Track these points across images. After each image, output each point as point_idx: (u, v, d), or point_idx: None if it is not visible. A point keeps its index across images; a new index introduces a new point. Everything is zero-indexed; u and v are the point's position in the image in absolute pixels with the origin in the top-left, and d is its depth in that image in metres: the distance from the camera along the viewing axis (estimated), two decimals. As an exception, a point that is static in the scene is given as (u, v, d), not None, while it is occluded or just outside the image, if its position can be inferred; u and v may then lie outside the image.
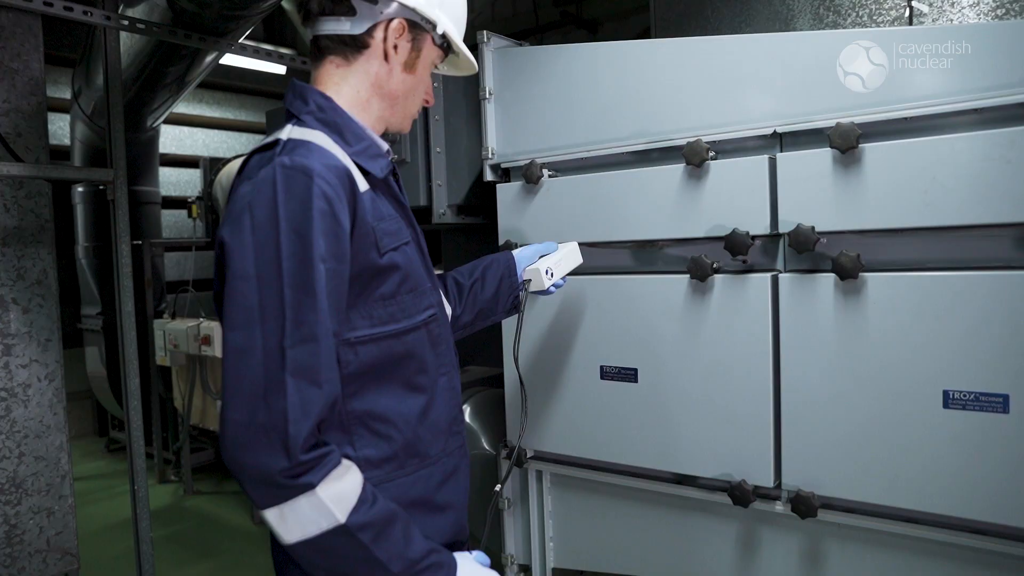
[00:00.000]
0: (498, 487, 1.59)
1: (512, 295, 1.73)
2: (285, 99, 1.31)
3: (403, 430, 1.26)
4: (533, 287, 1.72)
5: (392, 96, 1.32)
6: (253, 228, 1.09)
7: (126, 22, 2.75)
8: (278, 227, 1.08)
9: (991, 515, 1.54)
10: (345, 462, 1.12)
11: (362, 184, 1.20)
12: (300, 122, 1.24)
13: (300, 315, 1.07)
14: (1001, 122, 1.52)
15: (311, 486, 1.05)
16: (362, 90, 1.29)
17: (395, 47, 1.28)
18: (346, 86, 1.29)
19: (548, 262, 1.74)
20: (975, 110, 1.54)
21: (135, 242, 5.30)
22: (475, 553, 1.32)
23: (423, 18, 1.30)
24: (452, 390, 1.38)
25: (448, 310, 1.59)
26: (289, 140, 1.17)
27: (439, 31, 1.32)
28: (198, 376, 5.08)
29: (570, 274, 1.83)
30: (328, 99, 1.26)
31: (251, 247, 1.09)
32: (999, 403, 1.51)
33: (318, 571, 1.13)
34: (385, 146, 1.33)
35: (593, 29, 5.42)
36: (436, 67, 1.41)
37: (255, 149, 1.22)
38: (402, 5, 1.27)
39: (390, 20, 1.27)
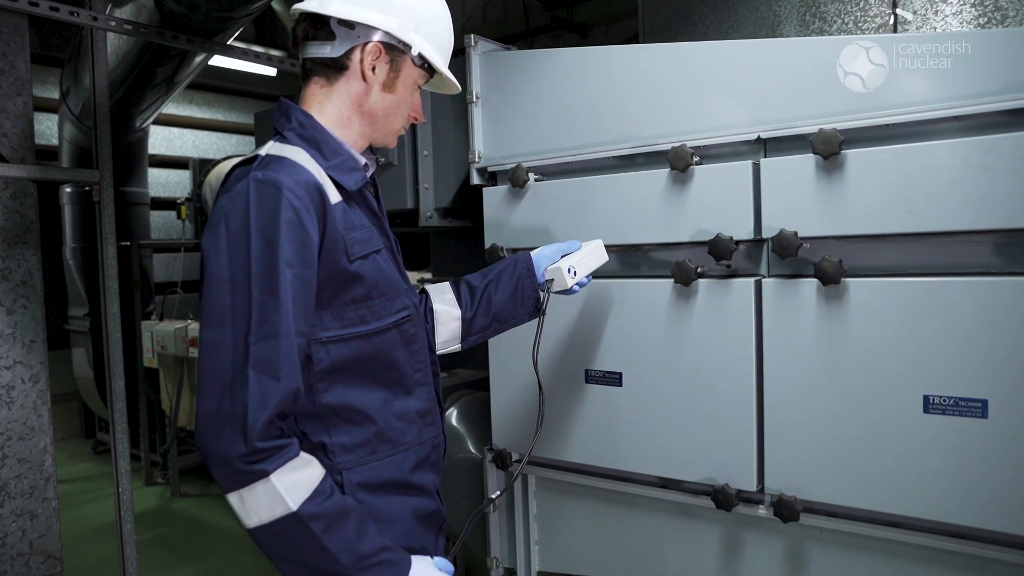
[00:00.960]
0: (495, 495, 1.66)
1: (532, 297, 1.72)
2: (274, 118, 1.42)
3: (375, 419, 1.37)
4: (556, 287, 1.69)
5: (372, 114, 1.41)
6: (228, 235, 1.20)
7: (113, 23, 2.75)
8: (249, 235, 1.19)
9: (970, 519, 1.55)
10: (306, 456, 1.22)
11: (334, 196, 1.30)
12: (283, 138, 1.35)
13: (264, 314, 1.17)
14: (980, 129, 1.54)
15: (265, 473, 1.15)
16: (343, 109, 1.39)
17: (372, 68, 1.37)
18: (329, 105, 1.39)
19: (571, 260, 1.70)
20: (955, 117, 1.56)
21: (123, 243, 5.30)
22: (437, 559, 1.38)
23: (399, 41, 1.38)
24: (427, 385, 1.49)
25: (457, 313, 1.69)
26: (267, 156, 1.28)
27: (414, 52, 1.40)
28: (186, 378, 5.06)
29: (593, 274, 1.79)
30: (309, 117, 1.37)
31: (225, 252, 1.20)
32: (978, 408, 1.53)
33: (275, 558, 1.22)
34: (362, 160, 1.41)
35: (583, 33, 5.44)
36: (420, 87, 1.48)
37: (237, 164, 1.33)
38: (377, 29, 1.36)
39: (366, 43, 1.36)
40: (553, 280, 1.68)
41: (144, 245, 5.69)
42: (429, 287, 1.73)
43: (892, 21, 2.39)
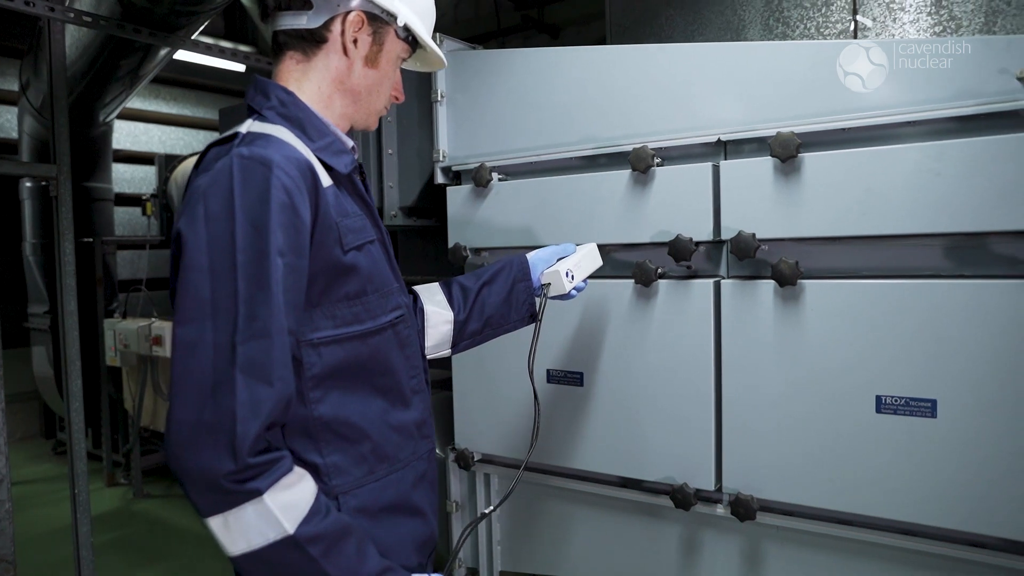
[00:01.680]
0: (489, 509, 1.57)
1: (527, 301, 1.62)
2: (247, 95, 1.27)
3: (371, 434, 1.22)
4: (553, 291, 1.61)
5: (354, 92, 1.28)
6: (207, 219, 1.05)
7: (72, 14, 2.69)
8: (233, 218, 1.04)
9: (920, 516, 1.59)
10: (298, 470, 1.07)
11: (325, 179, 1.17)
12: (261, 117, 1.20)
13: (253, 310, 1.02)
14: (931, 135, 1.57)
15: (258, 492, 1.00)
16: (323, 86, 1.26)
17: (354, 41, 1.24)
18: (307, 82, 1.25)
19: (568, 264, 1.63)
20: (909, 123, 1.59)
21: (86, 239, 5.19)
22: None
23: (383, 10, 1.26)
24: (421, 392, 1.35)
25: (449, 315, 1.57)
26: (248, 133, 1.15)
27: (400, 23, 1.27)
28: (149, 377, 4.97)
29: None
30: (290, 94, 1.23)
31: (205, 239, 1.04)
32: (928, 408, 1.56)
33: None
34: (350, 143, 1.29)
35: (555, 34, 5.45)
36: (403, 62, 1.36)
37: (213, 143, 1.18)
38: None
39: (347, 13, 1.23)
40: (550, 284, 1.61)
41: (108, 242, 5.57)
42: (418, 288, 1.61)
43: (852, 27, 2.43)
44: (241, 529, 1.01)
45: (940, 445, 1.55)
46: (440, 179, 2.29)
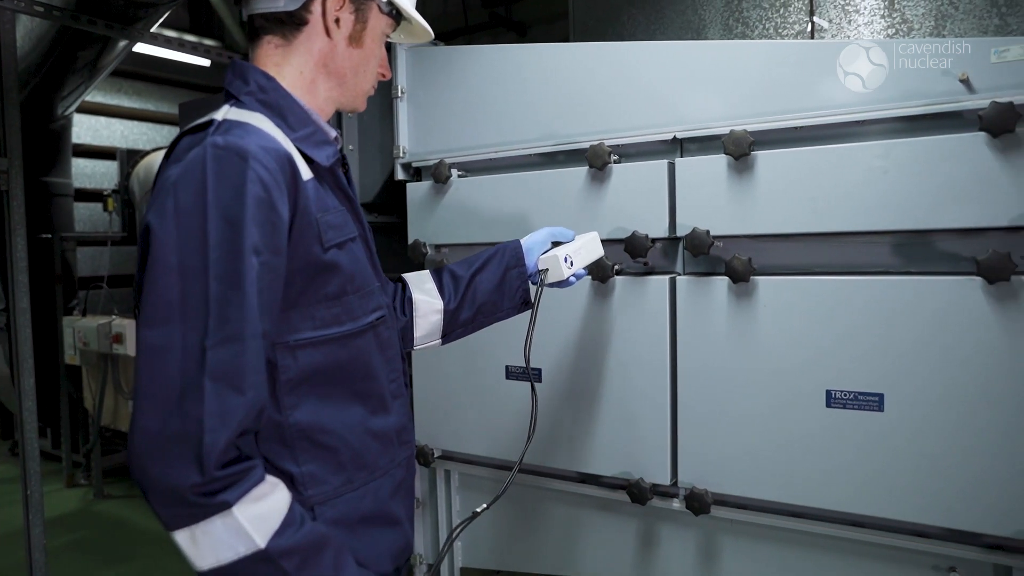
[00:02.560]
0: (480, 508, 1.51)
1: (520, 288, 1.56)
2: (224, 78, 1.20)
3: (349, 442, 1.17)
4: (551, 278, 1.53)
5: (340, 74, 1.22)
6: (177, 213, 0.99)
7: (22, 4, 2.62)
8: (206, 213, 0.98)
9: (868, 508, 1.62)
10: (271, 479, 1.02)
11: (305, 172, 1.11)
12: (239, 103, 1.14)
13: (225, 312, 0.97)
14: (879, 135, 1.60)
15: (227, 505, 0.95)
16: (306, 70, 1.19)
17: (336, 20, 1.18)
18: (288, 67, 1.18)
19: (567, 249, 1.56)
20: (858, 122, 1.61)
21: (44, 235, 5.08)
22: None
23: None
24: (402, 397, 1.30)
25: (439, 304, 1.51)
26: (224, 121, 1.08)
27: None
28: (110, 375, 4.88)
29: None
30: (271, 79, 1.16)
31: (174, 234, 0.98)
32: (875, 402, 1.59)
33: None
34: (333, 133, 1.23)
35: (522, 32, 5.45)
36: (388, 37, 1.30)
37: (185, 130, 1.10)
38: None
39: None
40: (548, 270, 1.53)
41: (67, 238, 5.46)
42: (407, 275, 1.56)
43: (809, 28, 2.47)
44: (209, 543, 0.96)
45: (887, 438, 1.58)
46: (400, 175, 2.28)
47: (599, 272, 1.86)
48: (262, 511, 0.98)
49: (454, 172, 2.12)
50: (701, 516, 1.79)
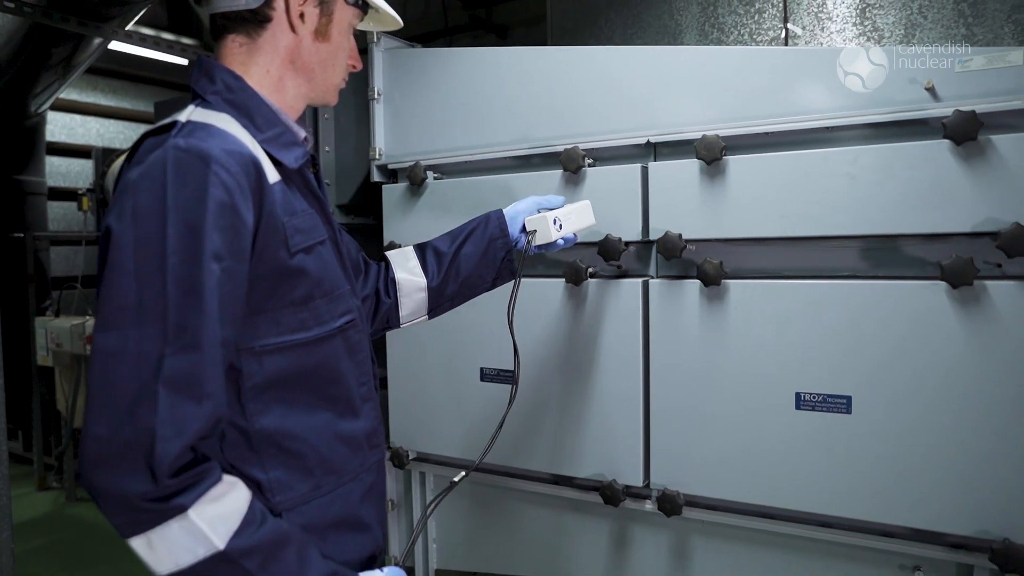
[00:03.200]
0: (458, 477, 1.51)
1: (506, 258, 1.57)
2: (190, 76, 1.18)
3: (317, 447, 1.16)
4: (539, 240, 1.54)
5: (308, 70, 1.20)
6: (135, 216, 0.97)
7: (-6, 0, 2.59)
8: (165, 217, 0.96)
9: (836, 509, 1.64)
10: (228, 478, 1.01)
11: (272, 175, 1.09)
12: (205, 103, 1.12)
13: (183, 318, 0.95)
14: (848, 141, 1.63)
15: (182, 508, 0.94)
16: (272, 68, 1.17)
17: (301, 15, 1.16)
18: (254, 66, 1.16)
19: (557, 213, 1.57)
20: (827, 128, 1.64)
21: (17, 234, 5.01)
22: (387, 569, 1.21)
23: None
24: (372, 400, 1.28)
25: (423, 282, 1.54)
26: (188, 122, 1.06)
27: None
28: (83, 377, 4.82)
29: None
30: (238, 78, 1.14)
31: (132, 238, 0.97)
32: (843, 404, 1.61)
33: None
34: (302, 133, 1.22)
35: (503, 34, 5.46)
36: (356, 27, 1.28)
37: (148, 131, 1.08)
38: None
39: None
40: (536, 232, 1.53)
41: (40, 237, 5.39)
42: (391, 254, 1.57)
43: (783, 35, 2.50)
44: (167, 548, 0.95)
45: (854, 440, 1.60)
46: (376, 177, 2.28)
47: (573, 275, 1.87)
48: (220, 512, 0.97)
49: (430, 174, 2.12)
50: (673, 517, 1.80)
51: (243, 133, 1.09)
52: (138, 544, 0.95)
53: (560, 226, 1.55)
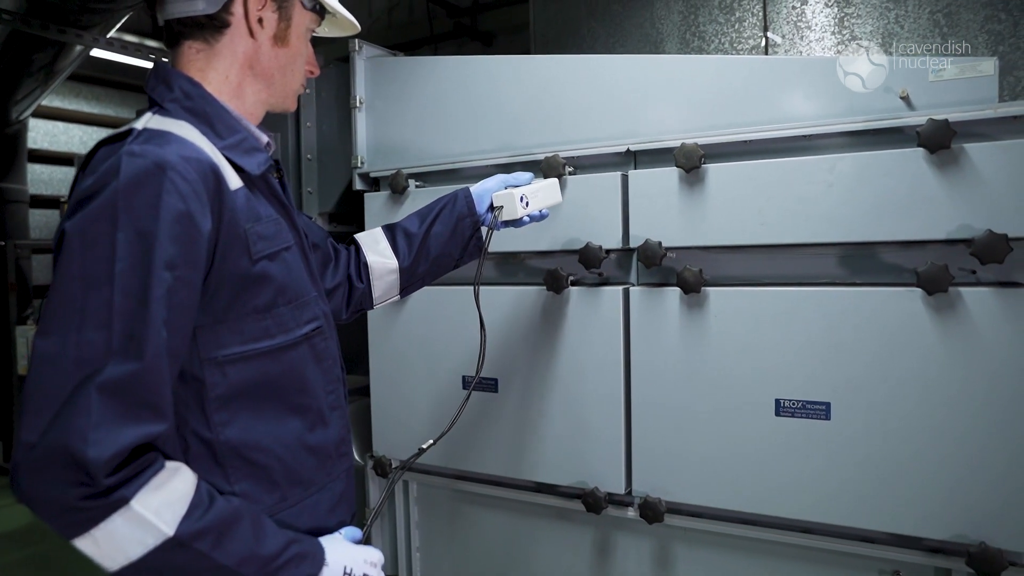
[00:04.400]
0: (426, 444, 1.52)
1: (474, 236, 1.60)
2: (147, 83, 1.16)
3: (284, 459, 1.14)
4: (505, 215, 1.56)
5: (267, 75, 1.19)
6: (86, 224, 0.96)
7: (-28, 8, 2.57)
8: (116, 224, 0.94)
9: (815, 515, 1.65)
10: (171, 464, 0.98)
11: (234, 181, 1.08)
12: (163, 111, 1.10)
13: (128, 327, 0.93)
14: (824, 149, 1.64)
15: (124, 501, 0.91)
16: (231, 74, 1.16)
17: (259, 20, 1.15)
18: (212, 72, 1.15)
19: (524, 190, 1.59)
20: (804, 136, 1.65)
21: (-3, 243, 4.97)
22: (344, 530, 1.20)
23: None
24: (340, 408, 1.26)
25: (394, 264, 1.55)
26: (145, 130, 1.03)
27: None
28: (65, 387, 4.78)
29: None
30: (196, 85, 1.13)
31: (80, 245, 0.95)
32: (822, 411, 1.62)
33: None
34: (264, 139, 1.21)
35: (488, 41, 5.47)
36: (314, 32, 1.28)
37: (103, 139, 1.06)
38: None
39: None
40: (502, 207, 1.56)
41: (22, 245, 5.35)
42: (360, 236, 1.58)
43: (763, 43, 2.52)
44: (114, 543, 0.93)
45: (833, 446, 1.61)
46: (358, 185, 2.27)
47: (554, 283, 1.87)
48: (165, 499, 0.95)
49: (411, 183, 2.12)
50: (655, 524, 1.80)
51: (202, 140, 1.07)
52: (84, 544, 0.93)
53: (527, 203, 1.58)
